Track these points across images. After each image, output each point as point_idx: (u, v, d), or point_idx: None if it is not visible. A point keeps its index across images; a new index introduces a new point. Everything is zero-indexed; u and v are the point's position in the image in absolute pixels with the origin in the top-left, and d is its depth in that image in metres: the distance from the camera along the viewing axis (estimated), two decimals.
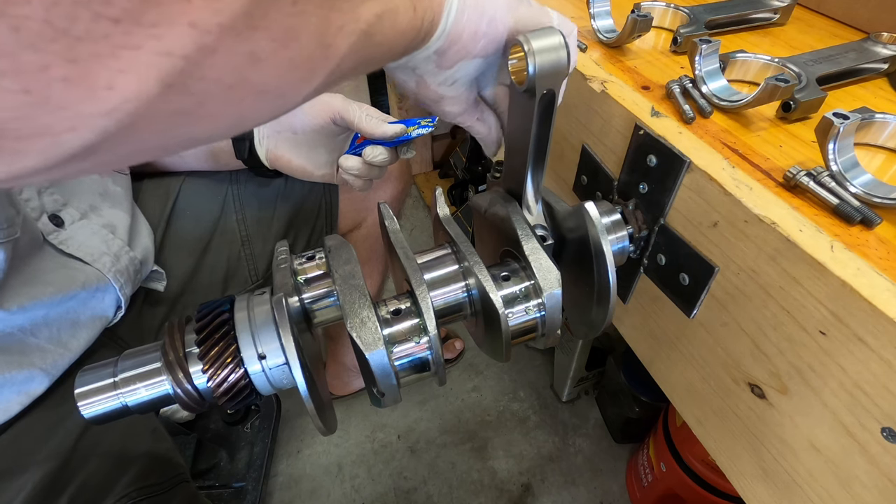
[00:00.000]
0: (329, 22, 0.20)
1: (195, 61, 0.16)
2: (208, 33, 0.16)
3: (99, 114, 0.15)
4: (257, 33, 0.17)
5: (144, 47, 0.15)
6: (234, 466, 1.08)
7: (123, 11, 0.14)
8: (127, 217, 0.60)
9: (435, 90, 0.34)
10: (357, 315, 0.32)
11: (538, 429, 1.26)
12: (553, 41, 0.29)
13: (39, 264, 0.51)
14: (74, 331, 0.53)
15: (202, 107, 0.18)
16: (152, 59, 0.15)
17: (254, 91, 0.19)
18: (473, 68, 0.33)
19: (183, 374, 0.31)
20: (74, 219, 0.55)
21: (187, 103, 0.17)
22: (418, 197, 1.86)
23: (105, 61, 0.14)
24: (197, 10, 0.15)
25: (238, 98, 0.19)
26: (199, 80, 0.17)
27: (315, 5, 0.19)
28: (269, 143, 0.61)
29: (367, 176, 0.60)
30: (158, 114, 0.16)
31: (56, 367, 0.52)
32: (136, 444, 0.56)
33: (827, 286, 0.28)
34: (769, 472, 0.37)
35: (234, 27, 0.16)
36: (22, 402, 0.50)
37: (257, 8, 0.17)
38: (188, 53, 0.16)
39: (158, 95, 0.16)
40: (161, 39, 0.15)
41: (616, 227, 0.41)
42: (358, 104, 0.57)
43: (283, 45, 0.19)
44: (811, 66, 0.43)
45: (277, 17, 0.18)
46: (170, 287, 0.66)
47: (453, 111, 0.36)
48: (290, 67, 0.20)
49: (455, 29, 0.30)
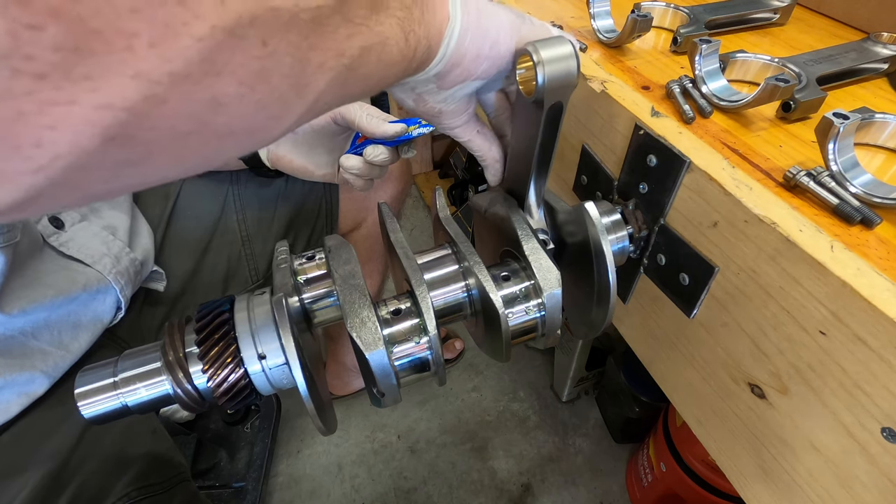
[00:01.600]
0: (306, 61, 0.19)
1: (141, 112, 0.15)
2: (157, 84, 0.14)
3: (27, 171, 0.14)
4: (220, 79, 0.16)
5: (79, 102, 0.13)
6: (234, 466, 1.08)
7: (50, 66, 0.13)
8: (127, 218, 0.60)
9: (433, 106, 0.33)
10: (357, 315, 0.32)
11: (538, 429, 1.26)
12: (563, 51, 0.28)
13: (40, 266, 0.51)
14: (76, 333, 0.53)
15: (151, 155, 0.16)
16: (88, 114, 0.14)
17: (216, 135, 0.18)
18: (474, 87, 0.33)
19: (183, 374, 0.31)
20: (74, 220, 0.55)
21: (134, 153, 0.16)
22: (418, 197, 1.86)
23: (30, 118, 0.13)
24: (142, 60, 0.14)
25: (197, 143, 0.17)
26: (147, 130, 0.15)
27: (289, 45, 0.18)
28: (270, 144, 0.61)
29: (368, 175, 0.60)
30: (99, 165, 0.15)
31: (57, 368, 0.52)
32: (137, 444, 0.56)
33: (827, 286, 0.28)
34: (769, 472, 0.37)
35: (189, 75, 0.15)
36: (22, 403, 0.50)
37: (218, 53, 0.15)
38: (132, 105, 0.14)
39: (98, 149, 0.14)
40: (97, 92, 0.14)
41: (616, 227, 0.41)
42: (359, 104, 0.57)
43: (251, 88, 0.17)
44: (811, 66, 0.43)
45: (244, 61, 0.16)
46: (170, 287, 0.66)
47: (452, 124, 0.36)
48: (258, 108, 0.18)
49: (457, 53, 0.29)
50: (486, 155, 0.38)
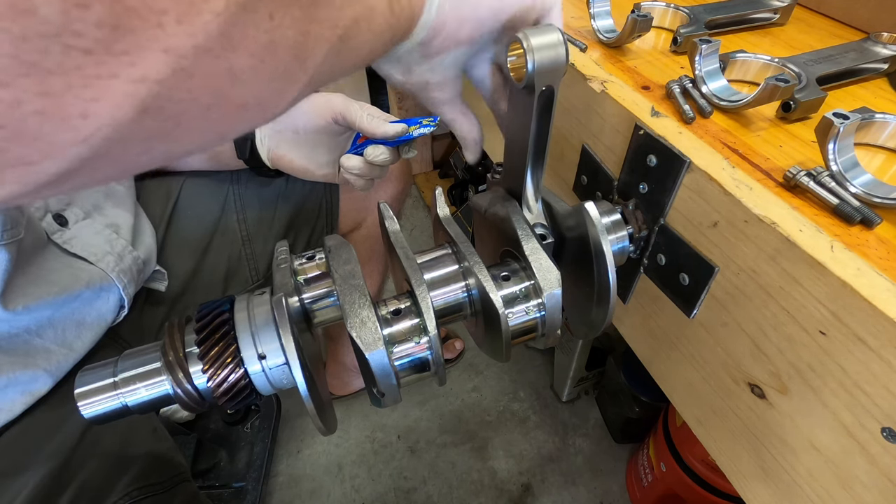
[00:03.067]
0: (307, 33, 0.20)
1: (171, 85, 0.16)
2: (184, 57, 0.16)
3: (74, 142, 0.15)
4: (236, 53, 0.17)
5: (119, 76, 0.15)
6: (234, 466, 1.08)
7: (95, 42, 0.14)
8: (130, 217, 0.60)
9: (421, 76, 0.34)
10: (357, 315, 0.32)
11: (538, 429, 1.26)
12: (552, 38, 0.29)
13: (44, 264, 0.51)
14: (79, 331, 0.53)
15: (179, 127, 0.18)
16: (126, 87, 0.15)
17: (233, 107, 0.19)
18: (461, 55, 0.34)
19: (183, 374, 0.31)
20: (78, 218, 0.55)
21: (164, 125, 0.17)
22: (418, 197, 1.86)
23: (78, 91, 0.14)
24: (171, 35, 0.15)
25: (217, 115, 0.19)
26: (176, 102, 0.17)
27: (292, 18, 0.19)
28: (271, 143, 0.61)
29: (368, 175, 0.60)
30: (134, 137, 0.16)
31: (60, 367, 0.52)
32: (137, 444, 0.56)
33: (827, 286, 0.28)
34: (769, 472, 0.37)
35: (210, 49, 0.16)
36: (26, 402, 0.50)
37: (234, 27, 0.17)
38: (163, 78, 0.15)
39: (133, 120, 0.16)
40: (135, 66, 0.15)
41: (616, 227, 0.41)
42: (359, 104, 0.57)
43: (262, 60, 0.19)
44: (811, 66, 0.43)
45: (255, 35, 0.18)
46: (171, 287, 0.66)
47: (439, 97, 0.37)
48: (269, 80, 0.20)
49: (438, 19, 0.30)
50: (468, 136, 0.41)
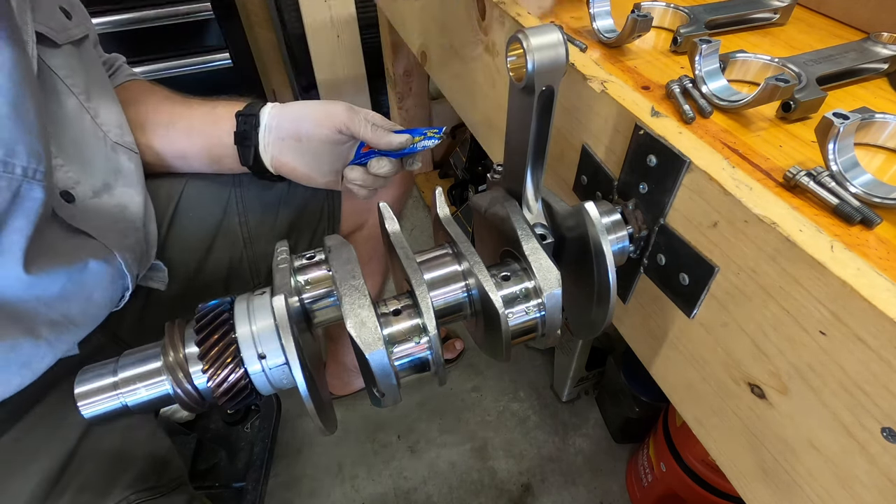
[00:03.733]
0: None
1: None
2: None
3: None
4: None
5: None
6: (234, 466, 1.08)
7: None
8: (138, 196, 0.59)
9: None
10: (357, 315, 0.32)
11: (538, 429, 1.26)
12: (552, 38, 0.29)
13: (51, 237, 0.50)
14: (86, 307, 0.52)
15: None
16: None
17: None
18: None
19: (183, 374, 0.31)
20: (87, 196, 0.54)
21: None
22: (418, 197, 1.86)
23: None
24: None
25: None
26: None
27: None
28: (274, 150, 0.61)
29: (371, 186, 0.61)
30: None
31: (61, 342, 0.50)
32: (136, 447, 0.56)
33: (827, 286, 0.28)
34: (769, 472, 0.37)
35: None
36: (23, 376, 0.48)
37: None
38: None
39: None
40: None
41: (616, 227, 0.41)
42: (363, 112, 0.57)
43: None
44: (811, 66, 0.43)
45: None
46: (171, 287, 0.66)
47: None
48: None
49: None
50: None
